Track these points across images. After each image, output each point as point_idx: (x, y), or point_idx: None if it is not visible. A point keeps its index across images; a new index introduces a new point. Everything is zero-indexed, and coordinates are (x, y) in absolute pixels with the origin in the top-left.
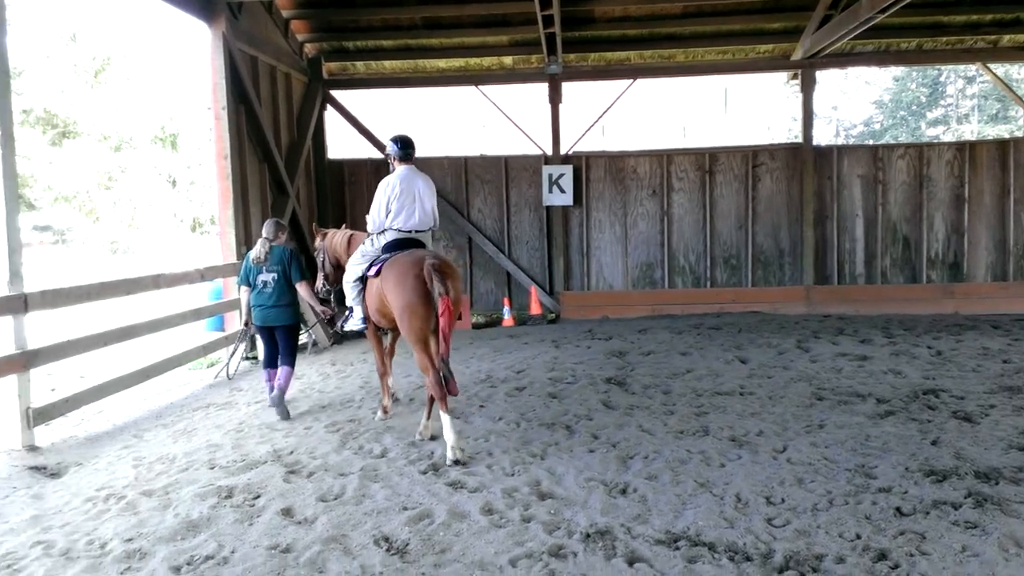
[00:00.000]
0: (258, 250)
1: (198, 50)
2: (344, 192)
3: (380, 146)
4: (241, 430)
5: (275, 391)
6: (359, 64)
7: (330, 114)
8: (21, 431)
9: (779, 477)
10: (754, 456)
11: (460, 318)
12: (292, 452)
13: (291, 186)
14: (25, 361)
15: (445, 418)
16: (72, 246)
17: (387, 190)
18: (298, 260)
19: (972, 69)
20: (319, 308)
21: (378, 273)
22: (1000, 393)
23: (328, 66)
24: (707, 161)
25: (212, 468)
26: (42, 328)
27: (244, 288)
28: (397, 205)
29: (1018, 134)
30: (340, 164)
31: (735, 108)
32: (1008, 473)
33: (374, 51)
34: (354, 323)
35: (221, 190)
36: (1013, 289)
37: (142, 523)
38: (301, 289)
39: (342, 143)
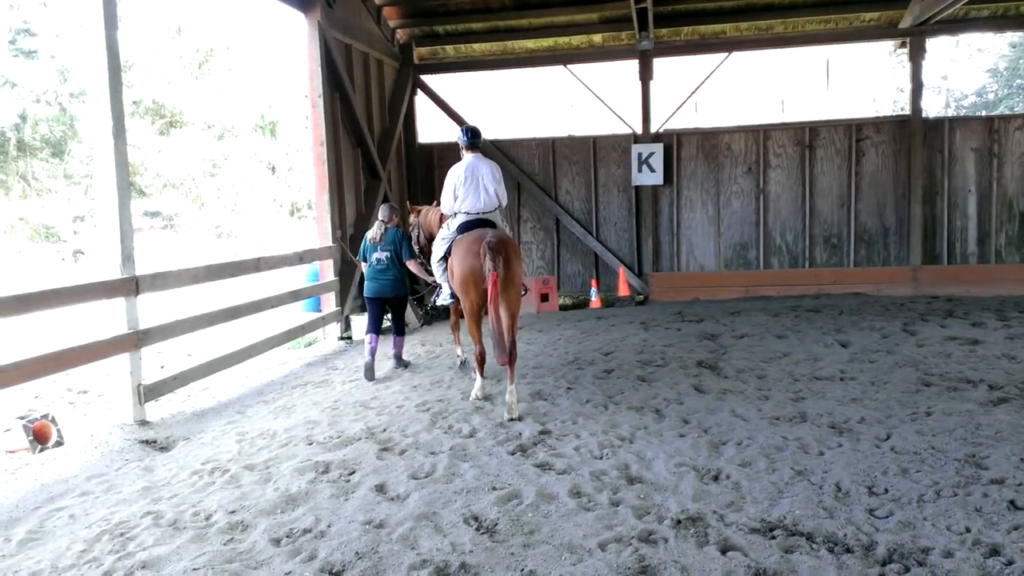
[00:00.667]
0: (375, 231)
1: (295, 40)
2: (434, 175)
3: None
4: (336, 408)
5: (393, 358)
6: (449, 48)
7: (420, 98)
8: (133, 406)
9: (882, 466)
10: (855, 444)
11: (542, 295)
12: (385, 430)
13: (383, 170)
14: (137, 340)
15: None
16: (180, 231)
17: (454, 177)
18: (408, 241)
19: None
20: (428, 279)
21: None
22: None
23: (419, 51)
24: (807, 136)
25: (310, 444)
26: (152, 308)
27: (363, 263)
28: (464, 191)
29: None
30: (430, 148)
31: (838, 80)
32: None
33: (464, 34)
34: (444, 298)
35: (317, 176)
36: None
37: (244, 496)
38: (411, 266)
39: (432, 127)
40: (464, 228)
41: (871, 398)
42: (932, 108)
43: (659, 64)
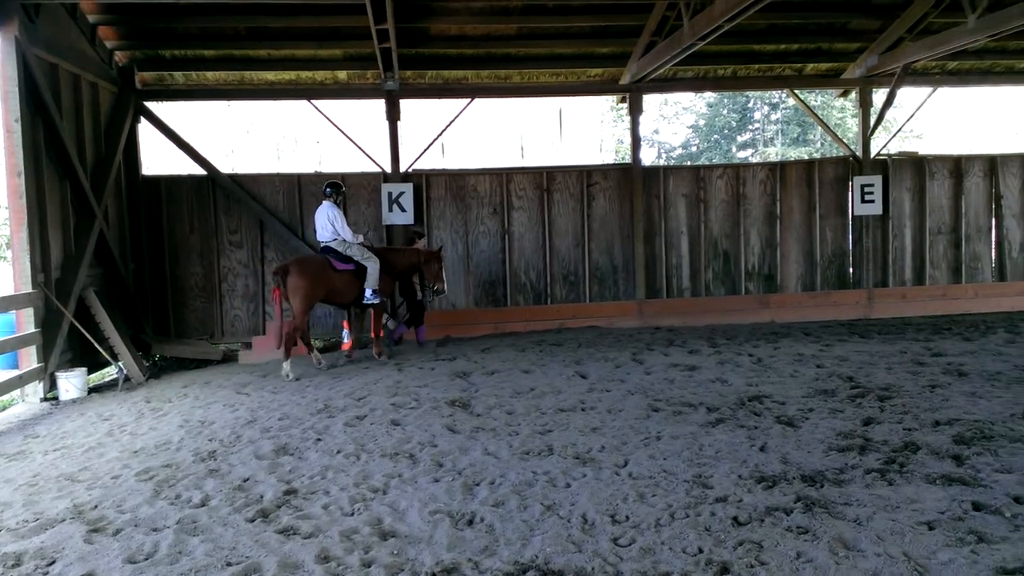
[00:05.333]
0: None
1: None
2: (161, 211)
3: (202, 161)
4: (35, 484)
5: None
6: (177, 74)
7: (147, 128)
8: None
9: (622, 493)
10: (598, 473)
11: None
12: (96, 506)
13: (98, 206)
14: None
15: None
16: None
17: None
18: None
19: (776, 97)
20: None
21: None
22: (816, 397)
23: (142, 76)
24: (545, 180)
25: None
26: None
27: None
28: (315, 227)
29: (817, 155)
30: (157, 181)
31: (570, 129)
32: (831, 475)
33: (194, 61)
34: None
35: (13, 211)
36: (820, 298)
37: None
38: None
39: (162, 158)
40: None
41: (609, 426)
42: (647, 158)
43: (407, 105)
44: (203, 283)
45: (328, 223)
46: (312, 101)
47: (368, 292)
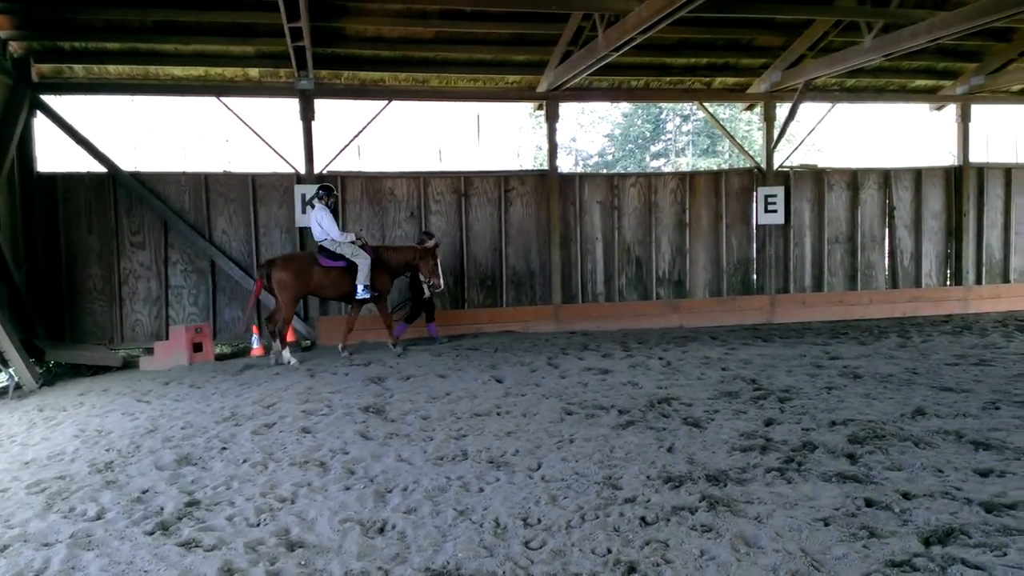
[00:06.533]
0: None
1: None
2: (57, 210)
3: (103, 158)
4: None
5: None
6: (78, 67)
7: (44, 123)
8: None
9: (535, 496)
10: (511, 477)
11: (194, 344)
12: None
13: None
14: None
15: (275, 344)
16: None
17: None
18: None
19: (687, 108)
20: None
21: None
22: (721, 399)
23: (39, 68)
24: (462, 185)
25: None
26: None
27: None
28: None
29: (725, 166)
30: (53, 178)
31: (487, 134)
32: (733, 474)
33: (96, 53)
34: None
35: None
36: (726, 304)
37: None
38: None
39: (59, 155)
40: None
41: (523, 430)
42: (564, 166)
43: (322, 105)
44: (102, 286)
45: (317, 224)
46: (222, 98)
47: (359, 288)
